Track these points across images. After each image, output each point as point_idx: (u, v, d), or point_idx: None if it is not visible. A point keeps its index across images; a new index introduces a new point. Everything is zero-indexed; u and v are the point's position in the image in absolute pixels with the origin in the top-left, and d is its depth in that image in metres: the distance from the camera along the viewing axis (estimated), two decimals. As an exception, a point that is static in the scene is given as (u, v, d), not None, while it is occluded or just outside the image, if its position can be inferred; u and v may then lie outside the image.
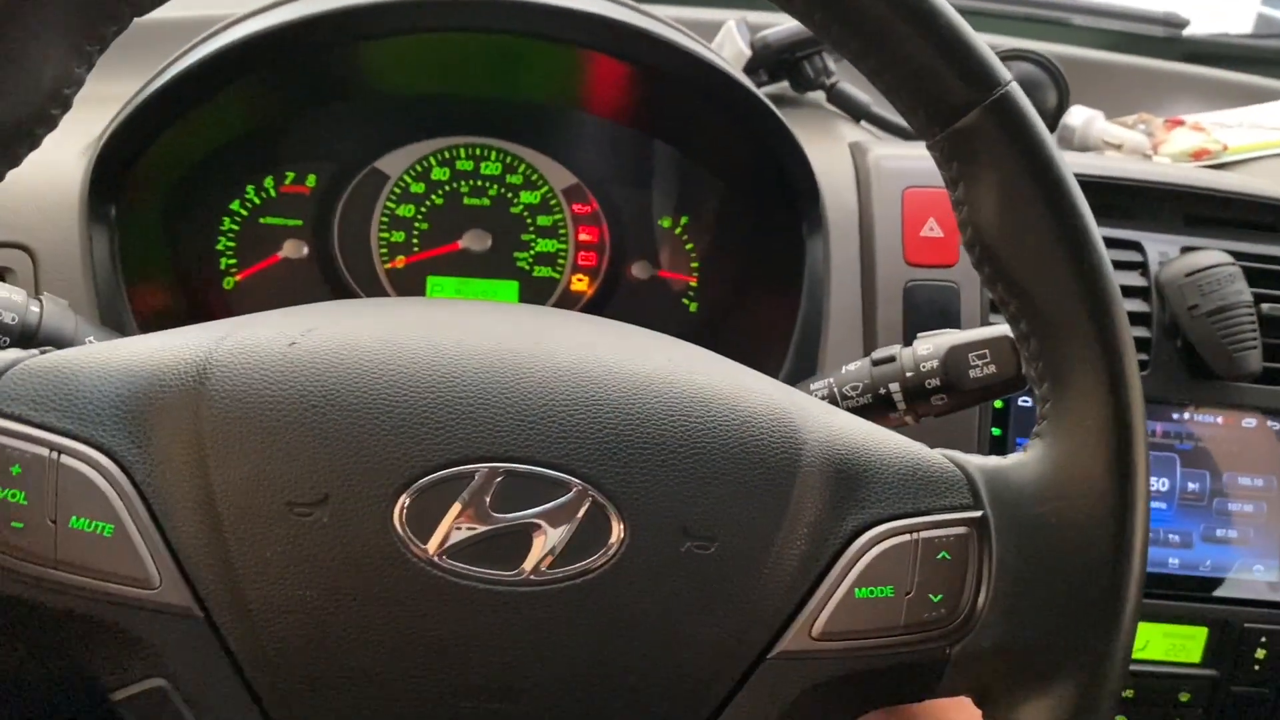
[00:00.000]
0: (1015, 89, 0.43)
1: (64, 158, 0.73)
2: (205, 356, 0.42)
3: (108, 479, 0.40)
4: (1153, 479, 0.82)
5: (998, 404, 0.80)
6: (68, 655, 0.40)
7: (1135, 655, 0.82)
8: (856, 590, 0.43)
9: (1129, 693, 0.82)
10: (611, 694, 0.42)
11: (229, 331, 0.44)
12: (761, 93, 0.79)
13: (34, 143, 0.41)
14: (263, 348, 0.43)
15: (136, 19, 0.42)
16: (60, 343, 0.57)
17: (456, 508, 0.41)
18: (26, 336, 0.57)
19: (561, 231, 0.90)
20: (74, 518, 0.39)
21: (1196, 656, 0.82)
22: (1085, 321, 0.44)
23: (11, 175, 0.43)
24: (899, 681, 0.44)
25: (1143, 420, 0.44)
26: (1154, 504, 0.82)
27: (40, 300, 0.58)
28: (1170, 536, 0.82)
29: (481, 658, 0.41)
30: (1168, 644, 0.82)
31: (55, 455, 0.39)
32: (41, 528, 0.39)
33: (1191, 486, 0.82)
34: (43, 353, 0.42)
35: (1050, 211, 0.43)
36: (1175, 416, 0.82)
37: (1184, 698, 0.83)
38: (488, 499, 0.41)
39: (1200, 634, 0.82)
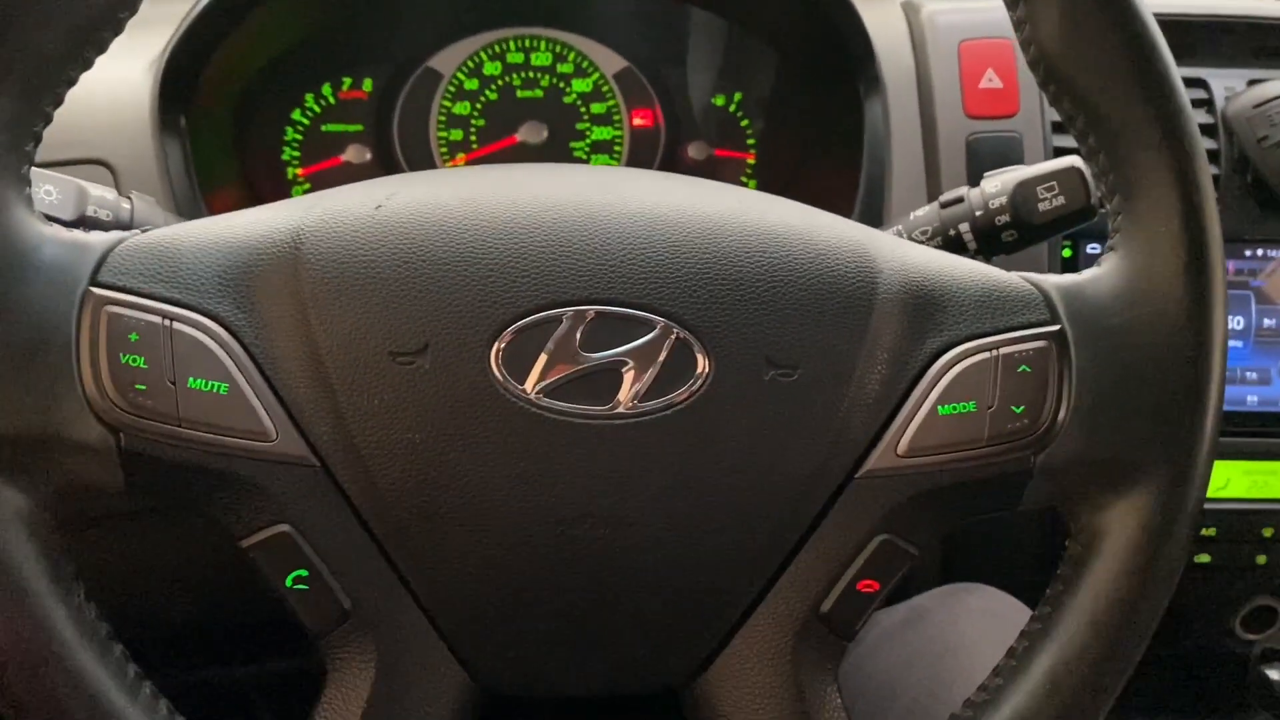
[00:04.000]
0: None
1: (132, 74, 0.75)
2: (297, 224, 0.44)
3: (218, 342, 0.42)
4: (1228, 317, 0.81)
5: (1066, 252, 0.80)
6: (199, 507, 0.43)
7: (1216, 494, 0.82)
8: (939, 407, 0.44)
9: (1211, 531, 0.83)
10: (707, 518, 0.44)
11: (316, 201, 0.45)
12: (809, -45, 0.78)
13: (118, 28, 0.43)
14: (351, 212, 0.44)
15: None
16: (154, 234, 0.59)
17: (549, 349, 0.42)
18: (121, 230, 0.59)
19: (616, 118, 0.90)
20: (191, 378, 0.41)
21: (1278, 492, 0.83)
22: (1154, 128, 0.44)
23: (83, 94, 0.44)
24: (986, 493, 0.46)
25: (1216, 222, 0.45)
26: (1230, 342, 0.81)
27: (130, 197, 0.60)
28: (1248, 374, 0.82)
29: (582, 487, 0.43)
30: (1249, 481, 0.82)
31: (168, 322, 0.41)
32: (163, 389, 0.41)
33: (1268, 323, 0.82)
34: (144, 231, 0.44)
35: (1112, 19, 0.43)
36: (1248, 254, 0.81)
37: (1267, 533, 0.83)
38: (577, 339, 0.42)
39: (1282, 470, 0.82)
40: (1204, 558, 0.84)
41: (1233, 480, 0.82)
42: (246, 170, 0.86)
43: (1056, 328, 0.45)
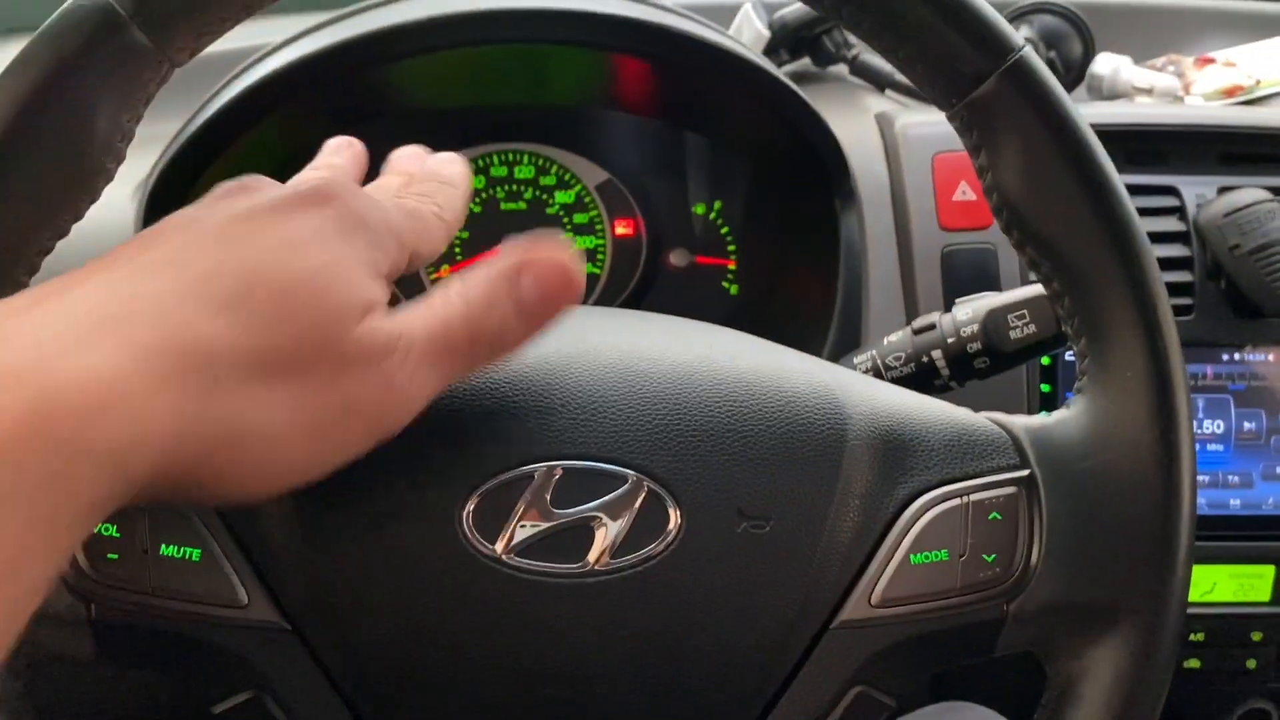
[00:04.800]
0: (1029, 53, 0.44)
1: (116, 200, 0.76)
2: None
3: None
4: (1208, 421, 0.82)
5: (1044, 360, 0.81)
6: (170, 673, 0.43)
7: (1204, 598, 0.82)
8: (912, 556, 0.45)
9: (1199, 636, 0.82)
10: (680, 673, 0.43)
11: None
12: (783, 73, 0.80)
13: (94, 196, 0.43)
14: None
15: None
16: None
17: (520, 507, 0.42)
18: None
19: (598, 227, 0.91)
20: (164, 545, 0.41)
21: (1266, 595, 0.82)
22: (1116, 275, 0.45)
23: None
24: (960, 642, 0.46)
25: (1181, 367, 0.45)
26: (1211, 446, 0.82)
27: None
28: (1230, 478, 0.82)
29: (552, 647, 0.42)
30: (1235, 584, 0.82)
31: None
32: (135, 557, 0.41)
33: (1248, 426, 0.82)
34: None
35: (1072, 170, 0.44)
36: (1225, 358, 0.82)
37: (1256, 637, 0.83)
38: (548, 496, 0.43)
39: (1268, 572, 0.82)
40: (1193, 663, 0.83)
41: (1219, 584, 0.82)
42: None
43: (1026, 472, 0.46)
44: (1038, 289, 0.60)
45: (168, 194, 0.76)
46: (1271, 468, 0.82)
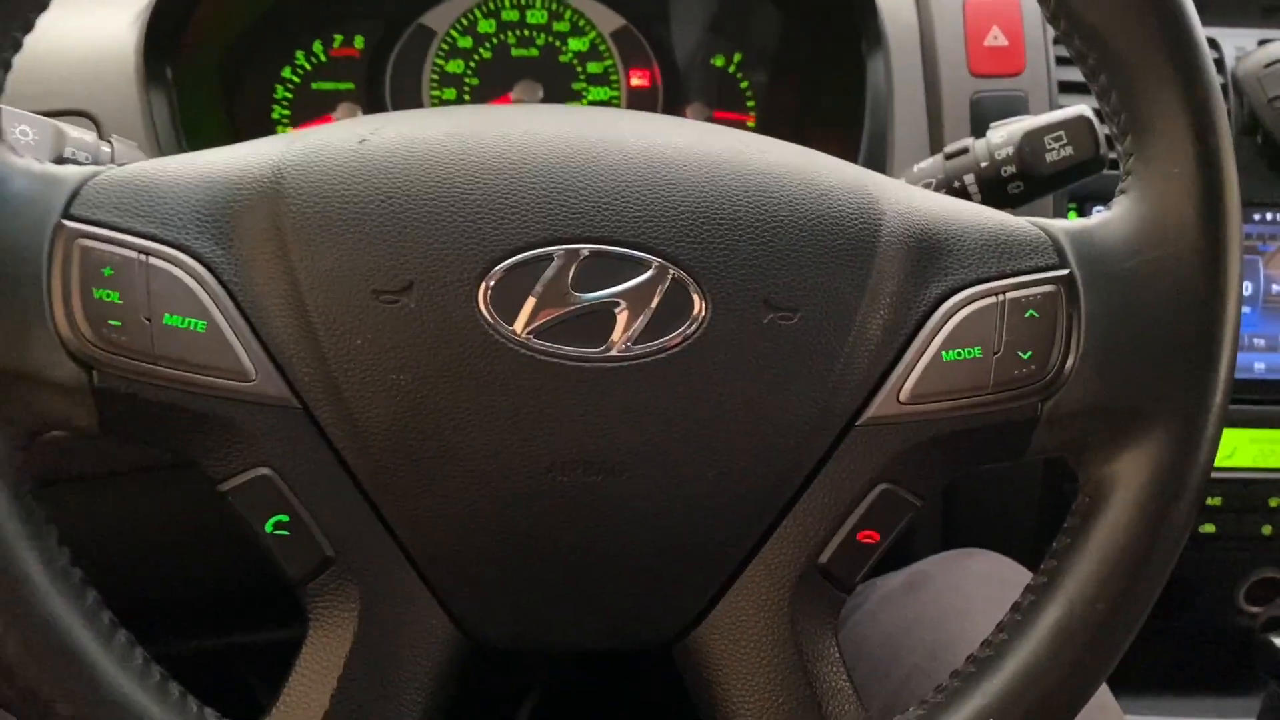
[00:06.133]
0: None
1: (116, 24, 0.73)
2: (279, 160, 0.42)
3: (195, 278, 0.40)
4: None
5: (1072, 215, 0.78)
6: (176, 448, 0.41)
7: (1222, 463, 0.81)
8: (944, 353, 0.43)
9: (1216, 500, 0.82)
10: (703, 464, 0.42)
11: (298, 137, 0.44)
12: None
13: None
14: (333, 147, 0.43)
15: None
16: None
17: (539, 289, 0.41)
18: (100, 172, 0.57)
19: (613, 78, 0.88)
20: (167, 315, 0.40)
21: (1286, 461, 0.81)
22: (1167, 65, 0.42)
23: (66, 44, 0.43)
24: (990, 441, 0.44)
25: (1232, 163, 0.43)
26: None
27: (110, 141, 0.59)
28: (1255, 340, 0.80)
29: (573, 432, 0.41)
30: (1255, 449, 0.81)
31: (143, 257, 0.40)
32: (137, 325, 0.39)
33: (1276, 288, 0.80)
34: (120, 165, 0.43)
35: None
36: (1257, 218, 0.80)
37: (1274, 502, 0.82)
38: (569, 279, 0.41)
39: (1289, 438, 0.81)
40: (1209, 527, 0.82)
41: (1239, 449, 0.81)
42: (235, 128, 0.84)
43: (1065, 272, 0.44)
44: (1076, 110, 0.58)
45: (168, 18, 0.73)
46: (1299, 331, 0.80)
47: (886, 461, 0.43)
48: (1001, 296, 0.43)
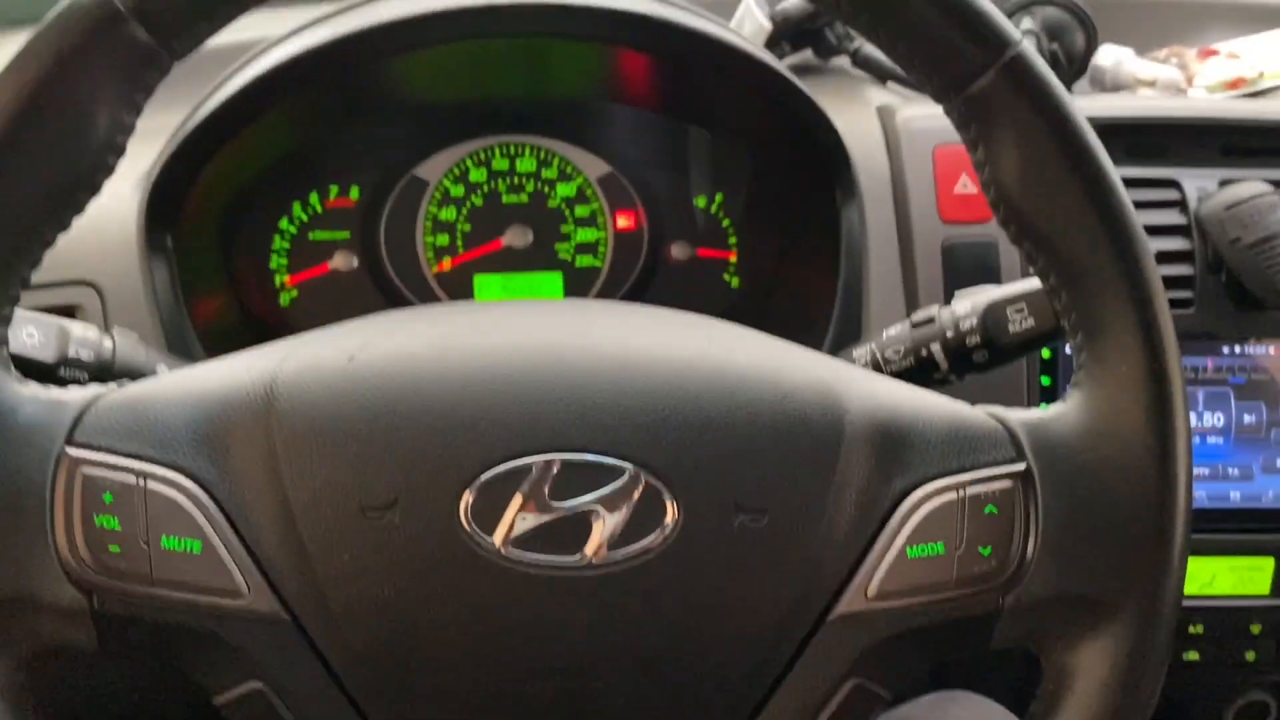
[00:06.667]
0: (1027, 48, 0.44)
1: (119, 194, 0.76)
2: (271, 377, 0.45)
3: (192, 499, 0.42)
4: (1208, 414, 0.82)
5: (1045, 353, 0.81)
6: (173, 664, 0.43)
7: (1203, 591, 0.82)
8: (908, 549, 0.45)
9: (1199, 628, 0.83)
10: (678, 666, 0.44)
11: (290, 351, 0.46)
12: (784, 65, 0.80)
13: (95, 190, 0.44)
14: (324, 365, 0.45)
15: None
16: (134, 373, 0.60)
17: (518, 499, 0.43)
18: (103, 369, 0.60)
19: (600, 220, 0.91)
20: (164, 537, 0.42)
21: (1265, 588, 0.83)
22: (1112, 271, 0.45)
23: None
24: (956, 635, 0.46)
25: (1178, 362, 0.45)
26: (1211, 439, 0.82)
27: (112, 335, 0.61)
28: (1230, 470, 0.82)
29: (552, 641, 0.43)
30: (1235, 577, 0.82)
31: (142, 481, 0.42)
32: (136, 549, 0.41)
33: (1248, 419, 0.82)
34: (120, 385, 0.45)
35: (1069, 166, 0.44)
36: (1225, 350, 0.82)
37: (1255, 629, 0.83)
38: (546, 489, 0.43)
39: (1268, 564, 0.82)
40: (1192, 655, 0.83)
41: (1218, 577, 0.82)
42: (233, 278, 0.87)
43: (1022, 466, 0.46)
44: (1037, 282, 0.60)
45: (171, 187, 0.76)
46: (1271, 460, 0.82)
47: (856, 656, 0.45)
48: (962, 492, 0.45)
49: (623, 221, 0.92)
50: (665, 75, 0.84)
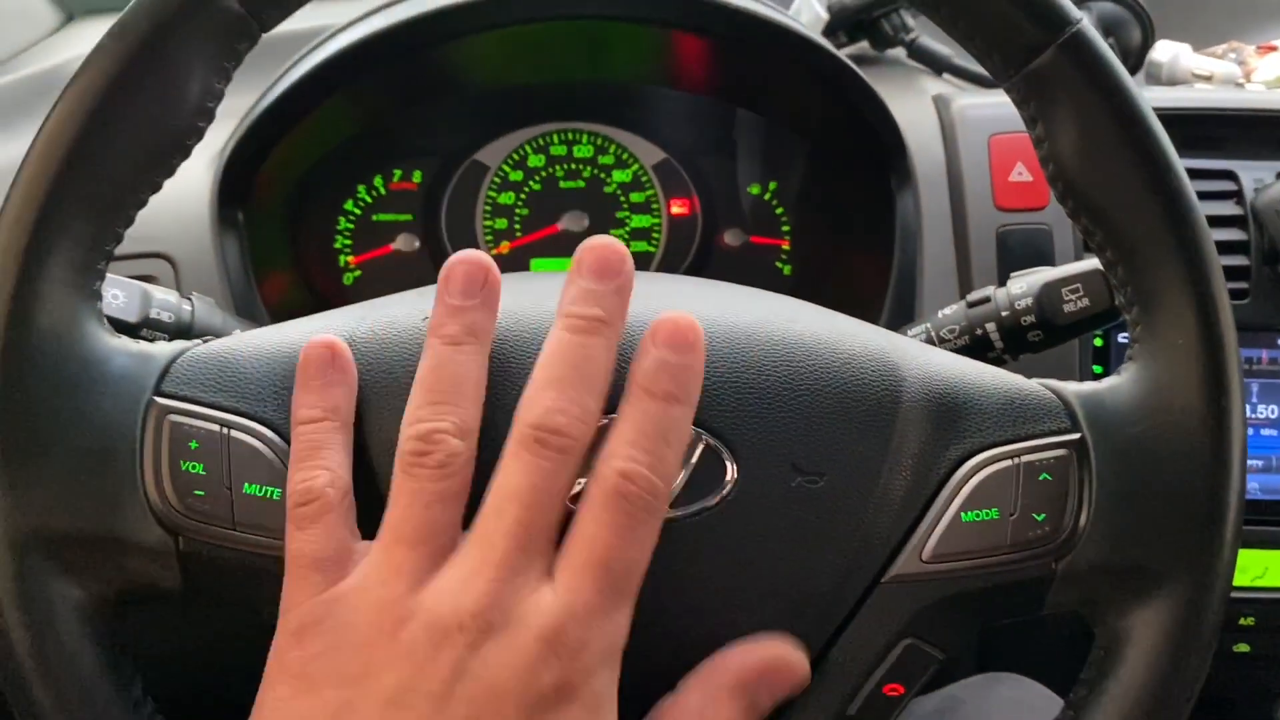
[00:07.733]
0: (1086, 26, 0.45)
1: (193, 170, 0.79)
2: (349, 334, 0.46)
3: (272, 449, 0.44)
4: (1262, 406, 0.82)
5: (1098, 341, 0.81)
6: (254, 607, 0.45)
7: (1255, 583, 0.82)
8: (963, 514, 0.46)
9: (1249, 620, 0.82)
10: (735, 621, 0.45)
11: (366, 313, 0.48)
12: (842, 54, 0.81)
13: (185, 153, 0.46)
14: (399, 323, 0.47)
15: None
16: (212, 334, 0.62)
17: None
18: (182, 331, 0.62)
19: (654, 206, 0.93)
20: (246, 484, 0.44)
21: (1318, 581, 0.82)
22: (1169, 243, 0.45)
23: None
24: (1009, 598, 0.47)
25: (1233, 335, 0.46)
26: (1265, 431, 0.82)
27: (190, 299, 0.64)
28: (1283, 463, 0.82)
29: None
30: (1287, 570, 0.82)
31: (225, 431, 0.44)
32: (220, 494, 0.43)
33: (1302, 411, 0.82)
34: (204, 342, 0.47)
35: (1127, 141, 0.45)
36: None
37: (1307, 622, 0.82)
38: None
39: (1321, 558, 0.82)
40: (1243, 647, 0.83)
41: (1271, 569, 0.82)
42: (299, 258, 0.90)
43: (1077, 436, 0.46)
44: (1092, 263, 0.61)
45: (243, 165, 0.79)
46: (1326, 453, 0.82)
47: (910, 617, 0.46)
48: (1017, 460, 0.46)
49: (677, 208, 0.93)
50: (724, 60, 0.85)
